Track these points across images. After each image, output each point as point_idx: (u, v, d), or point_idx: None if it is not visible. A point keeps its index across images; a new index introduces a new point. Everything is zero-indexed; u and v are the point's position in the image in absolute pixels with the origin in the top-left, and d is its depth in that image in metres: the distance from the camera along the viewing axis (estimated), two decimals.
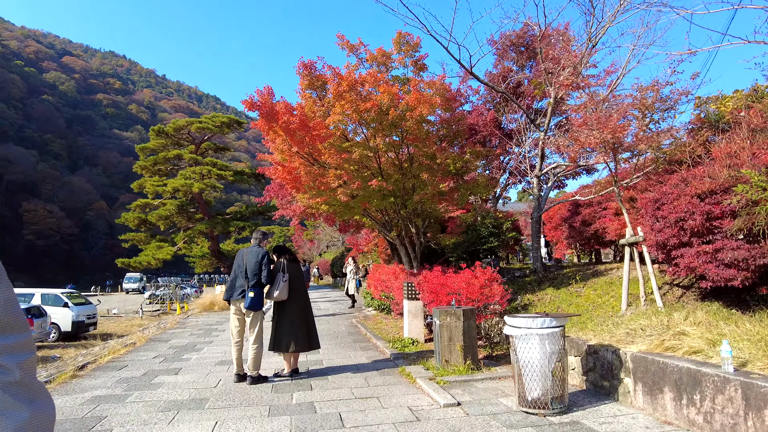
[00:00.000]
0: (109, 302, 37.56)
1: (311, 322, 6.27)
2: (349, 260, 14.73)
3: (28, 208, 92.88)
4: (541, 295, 8.50)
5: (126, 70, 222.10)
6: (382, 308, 12.03)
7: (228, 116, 26.72)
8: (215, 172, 24.50)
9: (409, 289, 8.17)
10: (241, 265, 5.96)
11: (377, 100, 7.29)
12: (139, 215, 26.54)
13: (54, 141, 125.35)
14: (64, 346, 17.45)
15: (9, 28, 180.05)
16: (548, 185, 9.96)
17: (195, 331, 10.76)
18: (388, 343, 8.19)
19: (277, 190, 12.96)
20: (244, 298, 5.78)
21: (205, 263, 28.80)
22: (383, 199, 8.32)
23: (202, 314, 14.62)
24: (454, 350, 6.15)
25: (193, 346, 8.68)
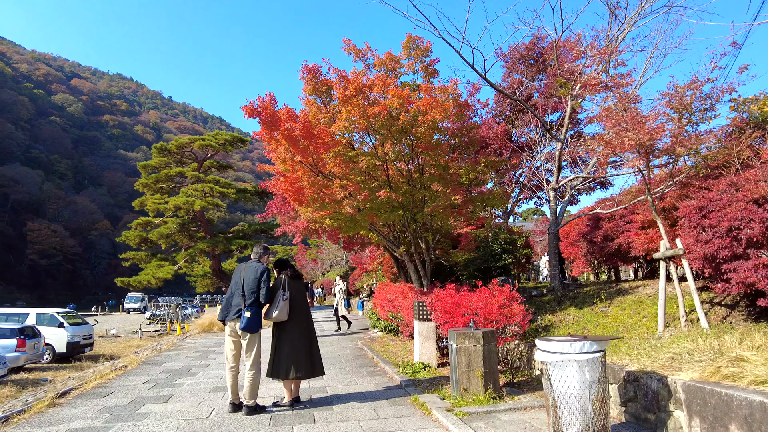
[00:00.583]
0: (109, 322, 36.82)
1: (314, 345, 5.69)
2: (337, 279, 14.11)
3: (33, 227, 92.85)
4: (562, 315, 7.89)
5: (133, 92, 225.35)
6: (389, 329, 11.39)
7: (231, 134, 26.50)
8: (218, 189, 24.14)
9: (420, 309, 7.57)
10: (239, 281, 5.42)
11: (386, 104, 6.83)
12: (140, 234, 26.11)
13: (60, 161, 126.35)
14: (57, 368, 16.77)
15: (20, 51, 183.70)
16: (565, 199, 9.42)
17: (191, 354, 10.14)
18: (397, 369, 7.56)
19: (280, 206, 12.49)
20: (240, 318, 5.21)
21: (207, 283, 28.22)
22: (392, 211, 7.79)
23: (201, 335, 14.00)
24: (473, 377, 5.54)
25: (188, 370, 8.07)
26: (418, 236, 8.98)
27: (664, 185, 6.09)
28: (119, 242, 37.56)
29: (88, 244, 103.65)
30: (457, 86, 8.20)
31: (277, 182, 7.42)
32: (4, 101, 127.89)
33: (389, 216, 7.95)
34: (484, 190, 9.53)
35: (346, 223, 8.55)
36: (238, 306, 5.28)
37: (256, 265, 5.50)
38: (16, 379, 14.43)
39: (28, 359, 15.65)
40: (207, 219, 26.75)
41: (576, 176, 9.08)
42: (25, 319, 17.63)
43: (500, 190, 9.49)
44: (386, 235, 9.44)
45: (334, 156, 7.27)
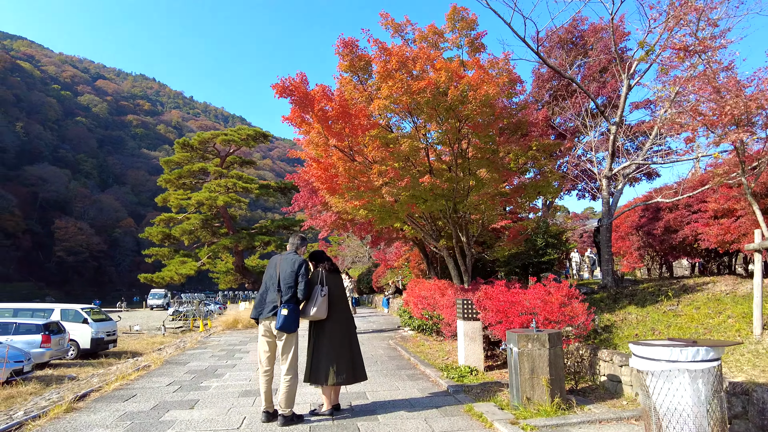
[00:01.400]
0: (133, 318, 37.07)
1: (356, 347, 5.06)
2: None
3: (60, 225, 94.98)
4: (621, 314, 7.11)
5: (155, 92, 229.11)
6: (421, 328, 10.74)
7: (254, 129, 26.12)
8: (240, 185, 23.75)
9: (466, 308, 6.89)
10: (273, 276, 4.83)
11: (432, 79, 6.15)
12: (163, 230, 25.95)
13: (86, 160, 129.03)
14: (81, 364, 16.60)
15: (48, 54, 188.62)
16: (619, 188, 8.61)
17: (216, 352, 9.66)
18: (440, 372, 6.91)
19: (307, 198, 11.94)
20: (276, 316, 4.62)
21: (230, 279, 27.96)
22: (435, 200, 7.09)
23: (225, 332, 13.57)
24: (537, 385, 4.84)
25: (214, 371, 7.55)
26: (459, 228, 8.27)
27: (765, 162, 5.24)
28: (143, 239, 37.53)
29: (112, 241, 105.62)
30: (509, 59, 7.45)
31: (310, 168, 6.81)
32: (33, 103, 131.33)
33: (432, 205, 7.26)
34: (537, 177, 8.76)
35: (381, 214, 7.90)
36: (273, 303, 4.69)
37: (293, 257, 4.91)
38: (41, 376, 14.24)
39: (53, 355, 15.49)
40: (230, 215, 26.46)
41: (631, 162, 8.25)
42: (50, 314, 17.54)
43: (557, 175, 8.71)
44: (423, 228, 8.76)
45: (371, 139, 6.63)
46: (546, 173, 8.70)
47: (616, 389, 5.45)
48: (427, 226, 8.65)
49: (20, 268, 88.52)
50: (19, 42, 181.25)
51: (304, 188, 12.05)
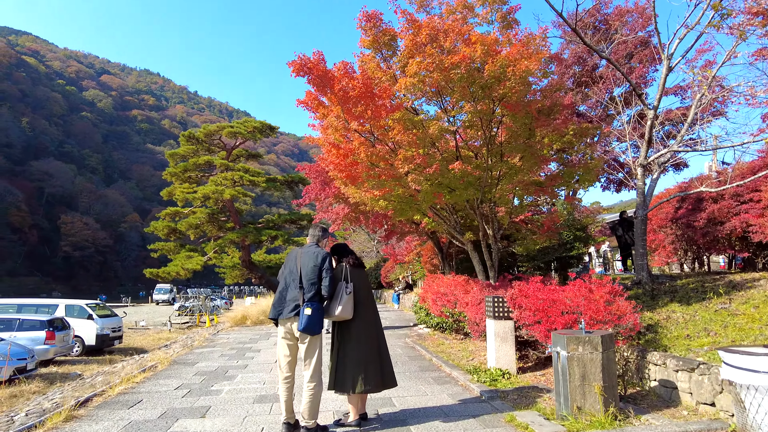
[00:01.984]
0: (138, 313, 36.81)
1: (384, 350, 4.56)
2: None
3: (66, 220, 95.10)
4: (664, 312, 6.57)
5: (160, 87, 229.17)
6: (440, 326, 10.24)
7: (260, 121, 25.58)
8: (247, 178, 23.27)
9: (497, 306, 6.37)
10: (294, 270, 4.32)
11: (467, 53, 5.59)
12: (169, 224, 25.53)
13: (91, 156, 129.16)
14: (86, 361, 16.24)
15: (53, 49, 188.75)
16: (653, 177, 8.03)
17: (226, 351, 9.20)
18: (469, 375, 6.40)
19: (318, 190, 11.44)
20: (298, 316, 4.12)
21: (236, 274, 27.53)
22: (465, 189, 6.53)
23: (234, 329, 13.12)
24: (589, 393, 4.32)
25: (224, 372, 7.08)
26: (486, 220, 7.73)
27: None
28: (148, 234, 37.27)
29: (118, 236, 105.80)
30: (546, 35, 6.86)
31: (329, 154, 6.27)
32: (39, 98, 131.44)
33: (461, 194, 6.69)
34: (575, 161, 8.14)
35: (401, 205, 7.37)
36: (294, 301, 4.18)
37: (315, 249, 4.39)
38: (45, 373, 13.86)
39: (58, 352, 15.13)
40: (236, 209, 26.02)
41: (668, 149, 7.66)
42: (54, 310, 17.17)
43: (598, 161, 8.09)
44: (446, 219, 8.22)
45: (396, 122, 6.09)
46: (586, 160, 8.09)
47: (671, 396, 4.92)
48: (450, 218, 8.11)
49: (27, 263, 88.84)
50: (25, 37, 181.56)
51: (316, 179, 11.55)
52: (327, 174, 11.27)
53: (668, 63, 7.29)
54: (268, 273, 29.11)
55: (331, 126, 6.09)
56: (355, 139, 5.99)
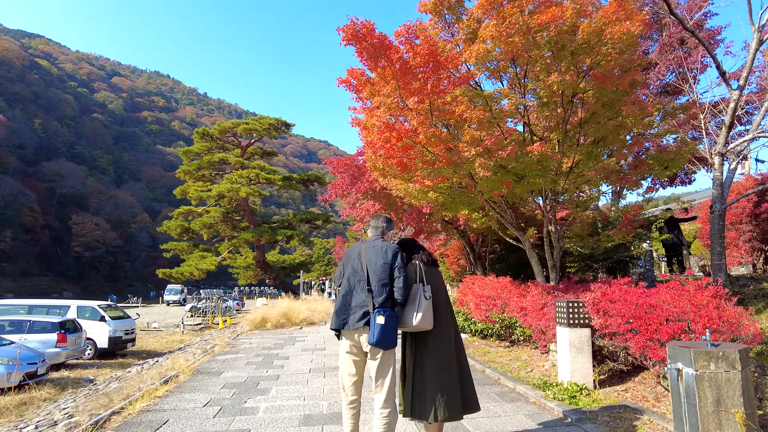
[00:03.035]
0: (150, 314, 36.23)
1: (466, 367, 3.74)
2: None
3: (77, 220, 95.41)
4: (765, 320, 5.70)
5: (170, 88, 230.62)
6: (483, 333, 9.41)
7: (275, 118, 24.94)
8: (263, 175, 22.62)
9: (572, 311, 5.53)
10: (359, 270, 3.53)
11: (555, 12, 4.77)
12: (182, 223, 24.97)
13: (102, 157, 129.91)
14: (99, 364, 15.58)
15: (65, 52, 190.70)
16: (732, 167, 7.14)
17: (251, 358, 8.43)
18: (538, 391, 5.57)
19: (347, 186, 10.61)
20: (369, 326, 3.32)
21: (250, 275, 26.93)
22: (541, 175, 5.66)
23: (254, 333, 12.37)
24: (727, 423, 3.48)
25: (256, 384, 6.31)
26: (551, 214, 6.87)
27: None
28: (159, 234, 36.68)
29: (128, 236, 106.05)
30: None
31: (380, 136, 5.42)
32: (51, 100, 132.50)
33: (533, 182, 5.81)
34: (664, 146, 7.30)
35: (452, 198, 6.56)
36: (362, 307, 3.38)
37: (382, 244, 3.59)
38: (56, 378, 13.21)
39: (69, 355, 14.48)
40: (251, 209, 25.38)
41: (754, 135, 6.77)
42: (66, 312, 16.55)
43: (692, 144, 7.20)
44: (502, 212, 7.36)
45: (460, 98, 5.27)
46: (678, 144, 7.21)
47: None
48: (506, 212, 7.26)
49: (39, 263, 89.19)
50: (37, 40, 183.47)
51: (344, 173, 10.78)
52: (357, 167, 10.49)
53: (758, 36, 6.42)
54: (282, 274, 28.47)
55: (384, 104, 5.29)
56: (413, 119, 5.18)
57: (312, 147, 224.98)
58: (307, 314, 14.29)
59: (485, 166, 5.23)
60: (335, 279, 3.85)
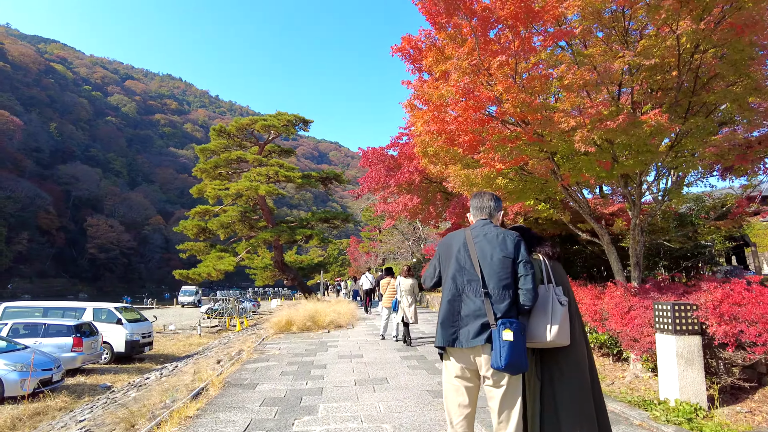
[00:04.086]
0: (165, 316, 35.75)
1: (599, 393, 2.85)
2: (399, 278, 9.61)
3: (92, 222, 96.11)
4: None
5: (182, 91, 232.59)
6: None
7: (294, 114, 24.20)
8: (282, 173, 21.87)
9: (680, 315, 4.62)
10: (467, 266, 2.68)
11: None
12: (198, 223, 24.33)
13: (116, 159, 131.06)
14: (116, 370, 14.92)
15: (80, 56, 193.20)
16: None
17: (285, 367, 7.62)
18: (640, 410, 4.66)
19: (382, 178, 9.72)
20: (491, 343, 2.45)
21: (267, 275, 26.22)
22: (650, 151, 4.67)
23: (280, 337, 11.58)
24: None
25: (298, 401, 5.48)
26: (639, 202, 5.96)
27: None
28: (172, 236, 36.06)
29: (141, 238, 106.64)
30: None
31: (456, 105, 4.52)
32: (67, 103, 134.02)
33: (635, 162, 4.89)
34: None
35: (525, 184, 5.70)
36: (479, 317, 2.53)
37: (496, 230, 2.72)
38: (72, 385, 12.54)
39: (85, 360, 13.84)
40: (269, 207, 24.68)
41: None
42: (81, 314, 15.95)
43: None
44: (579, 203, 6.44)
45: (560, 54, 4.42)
46: None
47: None
48: (582, 201, 6.36)
49: (55, 265, 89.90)
50: (53, 45, 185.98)
51: (379, 166, 9.94)
52: (392, 159, 9.66)
53: None
54: (300, 274, 27.73)
55: (459, 68, 4.43)
56: (498, 83, 4.29)
57: (323, 148, 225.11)
58: (334, 317, 13.46)
59: (587, 140, 4.33)
60: (426, 278, 3.00)
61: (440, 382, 6.18)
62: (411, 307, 9.17)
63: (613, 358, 6.87)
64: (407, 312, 9.16)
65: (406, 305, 9.19)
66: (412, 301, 9.23)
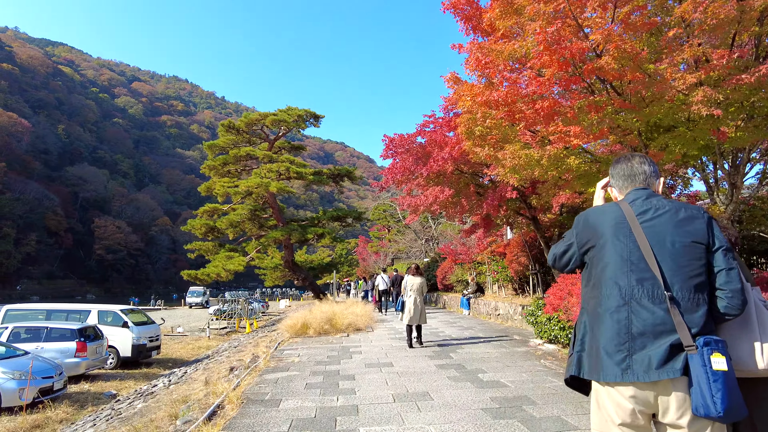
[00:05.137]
0: (173, 317, 35.05)
1: None
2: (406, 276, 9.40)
3: (99, 223, 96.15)
4: None
5: (188, 93, 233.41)
6: (566, 342, 7.59)
7: (305, 109, 23.40)
8: (294, 169, 21.06)
9: None
10: (632, 257, 1.78)
11: None
12: (207, 222, 23.60)
13: (123, 161, 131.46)
14: (122, 375, 14.16)
15: (87, 59, 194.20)
16: None
17: (309, 378, 6.77)
18: None
19: (409, 168, 8.80)
20: (687, 375, 1.58)
21: (277, 276, 25.45)
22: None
23: (296, 341, 10.74)
24: None
25: (333, 423, 4.63)
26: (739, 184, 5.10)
27: None
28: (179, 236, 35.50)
29: (149, 239, 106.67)
30: None
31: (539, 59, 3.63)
32: (74, 106, 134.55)
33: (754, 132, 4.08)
34: None
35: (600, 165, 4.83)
36: (665, 333, 1.65)
37: (672, 204, 1.84)
38: (75, 393, 11.76)
39: (90, 365, 13.07)
40: (279, 206, 23.88)
41: None
42: (86, 317, 15.20)
43: None
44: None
45: None
46: None
47: None
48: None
49: (63, 266, 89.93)
50: (61, 48, 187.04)
51: (406, 155, 9.05)
52: (421, 147, 8.80)
53: None
54: (311, 274, 26.92)
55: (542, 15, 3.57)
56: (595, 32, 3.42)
57: (329, 148, 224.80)
58: (352, 319, 12.63)
59: (709, 100, 3.43)
60: (554, 257, 2.12)
61: (493, 398, 5.32)
62: (419, 308, 8.78)
63: None
64: (414, 313, 8.75)
65: (412, 305, 8.76)
66: (421, 301, 8.86)
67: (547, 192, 6.93)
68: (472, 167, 8.55)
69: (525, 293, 14.97)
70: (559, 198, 7.31)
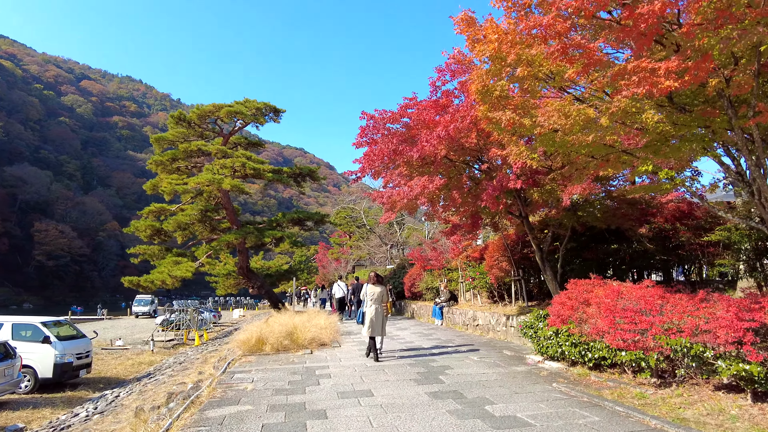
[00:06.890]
0: (116, 328, 31.96)
1: None
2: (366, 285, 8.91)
3: (40, 227, 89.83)
4: None
5: (142, 94, 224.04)
6: (599, 364, 6.37)
7: (264, 102, 21.57)
8: (250, 165, 19.12)
9: None
10: None
11: None
12: (152, 223, 21.25)
13: (69, 162, 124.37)
14: (37, 402, 11.79)
15: (31, 53, 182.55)
16: None
17: (266, 416, 5.15)
18: None
19: (391, 153, 7.21)
20: None
21: (230, 283, 23.31)
22: None
23: (249, 361, 8.99)
24: None
25: None
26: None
27: None
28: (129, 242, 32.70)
29: (96, 245, 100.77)
30: None
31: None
32: (14, 102, 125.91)
33: None
34: None
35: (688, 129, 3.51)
36: None
37: None
38: None
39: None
40: (233, 207, 21.87)
41: None
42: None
43: None
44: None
45: None
46: None
47: None
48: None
49: None
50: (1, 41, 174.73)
51: (388, 137, 7.54)
52: (407, 127, 7.37)
53: None
54: (267, 282, 24.88)
55: None
56: None
57: (288, 154, 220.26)
58: (315, 332, 10.99)
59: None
60: None
61: None
62: (379, 318, 8.39)
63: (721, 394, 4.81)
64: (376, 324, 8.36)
65: (373, 316, 8.33)
66: (382, 311, 8.47)
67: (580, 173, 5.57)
68: (466, 153, 7.20)
69: (503, 301, 13.81)
70: (573, 189, 6.06)
